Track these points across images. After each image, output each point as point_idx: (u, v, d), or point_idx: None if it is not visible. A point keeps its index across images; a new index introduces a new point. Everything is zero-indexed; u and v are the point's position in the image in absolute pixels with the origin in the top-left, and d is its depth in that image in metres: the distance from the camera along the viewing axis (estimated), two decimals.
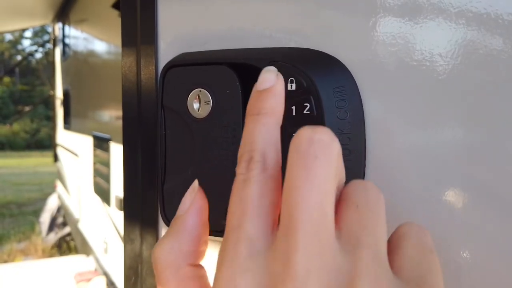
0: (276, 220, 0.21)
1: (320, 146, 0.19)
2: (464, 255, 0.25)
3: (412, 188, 0.26)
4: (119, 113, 2.63)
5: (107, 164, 2.62)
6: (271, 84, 0.24)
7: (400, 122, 0.27)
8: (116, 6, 2.39)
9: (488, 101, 0.24)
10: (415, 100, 0.26)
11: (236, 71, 0.30)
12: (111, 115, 2.79)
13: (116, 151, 2.46)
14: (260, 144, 0.22)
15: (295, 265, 0.18)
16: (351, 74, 0.28)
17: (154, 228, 0.37)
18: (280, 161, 0.22)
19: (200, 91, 0.31)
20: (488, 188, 0.24)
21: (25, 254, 4.56)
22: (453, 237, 0.25)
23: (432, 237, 0.23)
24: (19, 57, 20.93)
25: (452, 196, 0.25)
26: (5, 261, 4.26)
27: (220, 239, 0.22)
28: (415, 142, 0.26)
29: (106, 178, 2.64)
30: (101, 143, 2.81)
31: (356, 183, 0.22)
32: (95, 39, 3.33)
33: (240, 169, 0.22)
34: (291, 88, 0.28)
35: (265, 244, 0.20)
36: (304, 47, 0.30)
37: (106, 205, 2.68)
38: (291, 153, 0.20)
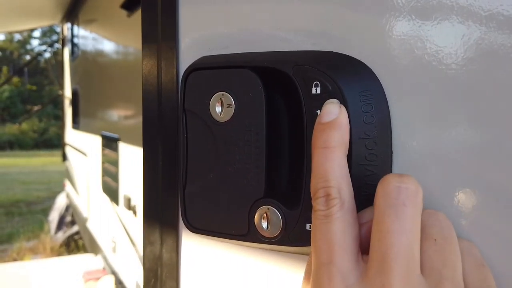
0: (359, 252, 0.23)
1: (407, 194, 0.22)
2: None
3: (439, 193, 0.26)
4: (128, 112, 2.63)
5: (115, 163, 2.63)
6: (335, 116, 0.25)
7: (427, 126, 0.26)
8: (124, 6, 2.39)
9: None
10: (443, 105, 0.26)
11: (259, 75, 0.30)
12: (120, 115, 2.80)
13: (125, 150, 2.47)
14: (333, 180, 0.24)
15: None
16: (377, 77, 0.27)
17: (174, 231, 0.36)
18: (353, 192, 0.24)
19: (223, 94, 0.31)
20: None
21: (34, 252, 4.60)
22: (479, 240, 0.25)
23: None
24: (28, 57, 21.11)
25: (483, 200, 0.25)
26: (14, 260, 4.30)
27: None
28: (443, 146, 0.26)
29: (115, 178, 2.65)
30: (109, 143, 2.83)
31: (429, 214, 0.24)
32: (103, 39, 3.34)
33: (318, 205, 0.24)
34: (316, 92, 0.28)
35: (356, 276, 0.22)
36: (328, 50, 0.29)
37: (114, 204, 2.69)
38: (380, 199, 0.23)
